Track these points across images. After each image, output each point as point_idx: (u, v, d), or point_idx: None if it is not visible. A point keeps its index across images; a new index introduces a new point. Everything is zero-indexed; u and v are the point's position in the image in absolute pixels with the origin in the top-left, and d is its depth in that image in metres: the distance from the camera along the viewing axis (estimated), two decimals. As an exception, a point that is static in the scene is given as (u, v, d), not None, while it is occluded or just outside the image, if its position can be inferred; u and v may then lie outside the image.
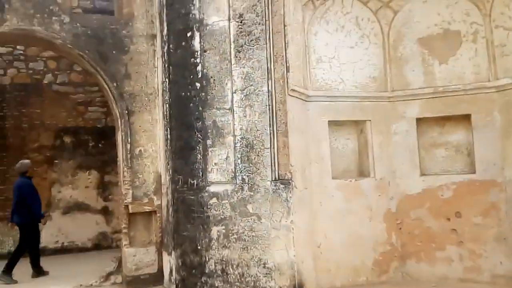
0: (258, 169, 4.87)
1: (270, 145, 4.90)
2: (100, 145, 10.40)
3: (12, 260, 7.52)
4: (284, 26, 5.17)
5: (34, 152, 9.91)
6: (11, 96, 9.91)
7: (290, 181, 4.90)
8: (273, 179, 4.88)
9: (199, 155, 5.14)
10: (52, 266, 8.47)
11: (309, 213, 5.17)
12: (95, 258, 8.74)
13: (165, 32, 5.84)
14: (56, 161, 10.06)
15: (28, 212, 7.63)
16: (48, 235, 9.77)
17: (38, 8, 6.04)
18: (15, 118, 9.87)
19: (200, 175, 5.09)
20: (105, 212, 10.19)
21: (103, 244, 10.06)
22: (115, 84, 6.52)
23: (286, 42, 5.15)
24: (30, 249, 7.80)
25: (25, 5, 5.98)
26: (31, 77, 10.08)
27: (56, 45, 6.37)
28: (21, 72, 10.02)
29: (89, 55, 6.40)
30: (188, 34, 5.41)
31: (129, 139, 6.52)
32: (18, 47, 9.93)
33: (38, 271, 7.72)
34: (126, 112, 6.53)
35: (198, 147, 5.17)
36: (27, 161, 8.09)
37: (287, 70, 5.10)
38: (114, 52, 6.49)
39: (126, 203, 6.43)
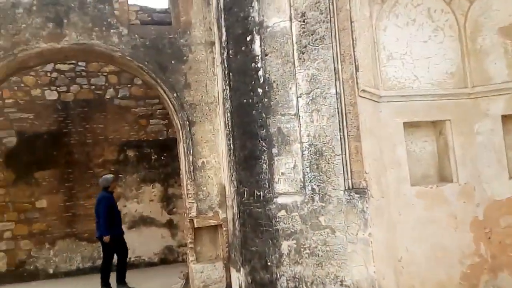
0: (329, 178, 4.49)
1: (341, 152, 4.50)
2: (162, 157, 10.41)
3: (103, 274, 7.72)
4: (351, 22, 4.77)
5: (99, 167, 10.04)
6: (74, 113, 10.13)
7: (366, 190, 4.47)
8: (346, 188, 4.47)
9: (265, 165, 4.83)
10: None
11: (388, 224, 4.70)
12: (162, 273, 8.68)
13: (223, 38, 5.60)
14: (121, 175, 10.13)
15: (109, 226, 7.65)
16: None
17: (96, 21, 6.02)
18: (80, 134, 10.07)
19: (267, 186, 4.78)
20: (170, 225, 10.14)
21: (169, 258, 10.00)
22: (175, 95, 6.40)
23: (354, 39, 4.74)
24: (107, 263, 7.85)
25: (83, 19, 5.97)
26: (93, 92, 10.26)
27: (115, 58, 6.33)
28: (84, 88, 10.21)
29: (148, 66, 6.31)
30: (248, 38, 5.14)
31: (191, 151, 6.35)
32: (79, 63, 10.16)
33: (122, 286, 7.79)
34: (187, 122, 6.39)
35: (263, 157, 4.87)
36: (109, 175, 8.15)
37: (356, 70, 4.69)
38: (173, 62, 6.36)
39: (191, 217, 6.26)
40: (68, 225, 9.73)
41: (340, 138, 4.51)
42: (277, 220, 4.61)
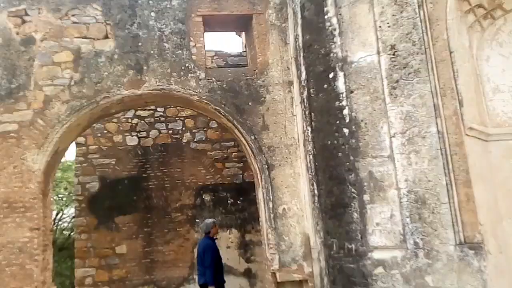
0: (435, 230, 3.90)
1: (448, 199, 3.91)
2: (239, 202, 10.11)
3: None
4: (450, 52, 4.27)
5: (176, 212, 9.94)
6: (153, 157, 10.19)
7: (482, 245, 3.82)
8: (457, 243, 3.85)
9: (355, 214, 4.33)
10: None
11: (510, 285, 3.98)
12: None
13: (303, 76, 5.29)
14: (197, 220, 9.94)
15: (215, 274, 7.30)
16: (194, 299, 9.57)
17: (175, 66, 5.96)
18: (158, 178, 10.08)
19: (359, 238, 4.26)
20: (248, 274, 9.70)
21: (248, 310, 9.52)
22: (252, 137, 6.13)
23: (455, 71, 4.23)
24: None
25: (162, 65, 5.94)
26: (171, 137, 10.31)
27: (193, 102, 6.21)
28: (162, 133, 10.30)
29: (225, 109, 6.13)
30: (330, 75, 4.78)
31: (270, 196, 5.97)
32: (158, 109, 10.30)
33: None
34: (266, 166, 6.05)
35: (353, 204, 4.38)
36: (209, 220, 7.84)
37: (460, 105, 4.15)
38: (250, 103, 6.13)
39: (272, 270, 5.78)
40: (147, 272, 9.60)
41: (446, 184, 3.94)
42: (374, 278, 4.05)
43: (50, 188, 6.40)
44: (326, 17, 4.81)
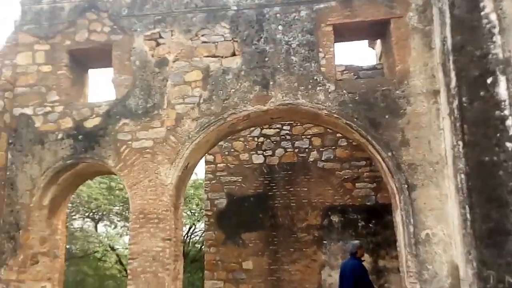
0: None
1: None
2: (371, 225, 9.43)
3: None
4: None
5: (302, 232, 9.60)
6: (279, 176, 10.02)
7: None
8: None
9: (522, 244, 3.57)
10: None
11: None
12: None
13: (453, 83, 4.65)
14: (325, 242, 9.49)
15: None
16: (320, 324, 9.09)
17: (302, 80, 5.74)
18: (284, 197, 9.86)
19: (528, 273, 3.49)
20: (380, 302, 8.95)
21: None
22: (389, 154, 5.61)
23: None
24: None
25: (289, 79, 5.77)
26: (297, 155, 10.06)
27: (321, 116, 5.89)
28: (288, 152, 10.09)
29: (357, 123, 5.70)
30: (489, 81, 4.15)
31: (411, 220, 5.38)
32: (284, 127, 10.13)
33: None
34: (406, 186, 5.49)
35: (519, 232, 3.63)
36: (356, 241, 7.48)
37: None
38: (386, 116, 5.62)
39: None
40: (272, 289, 9.38)
41: None
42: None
43: (181, 202, 6.54)
44: (482, 13, 4.20)
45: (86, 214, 19.85)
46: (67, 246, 17.72)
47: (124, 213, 19.81)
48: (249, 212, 9.83)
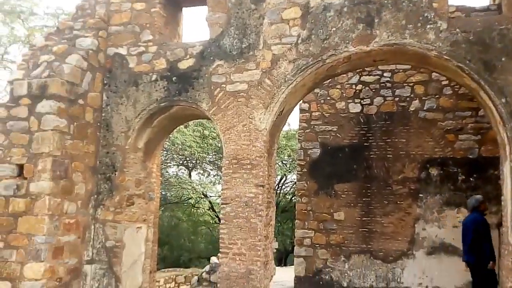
0: None
1: None
2: (471, 179, 8.86)
3: None
4: None
5: (397, 185, 9.27)
6: (376, 126, 9.65)
7: None
8: None
9: None
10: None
11: None
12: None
13: None
14: (421, 195, 9.11)
15: (479, 251, 6.78)
16: (411, 276, 8.88)
17: (411, 17, 5.30)
18: (380, 148, 9.52)
19: None
20: (477, 259, 8.51)
21: (472, 295, 8.38)
22: (503, 100, 5.14)
23: None
24: None
25: (396, 16, 5.34)
26: (396, 104, 9.57)
27: (429, 58, 5.47)
28: (387, 100, 9.63)
29: (470, 65, 5.25)
30: None
31: None
32: (385, 74, 9.65)
33: None
34: None
35: None
36: (478, 196, 7.25)
37: None
38: (503, 59, 5.14)
39: None
40: (364, 240, 9.28)
41: None
42: None
43: (274, 149, 6.53)
44: None
45: (180, 161, 20.83)
46: (162, 192, 18.90)
47: (217, 162, 20.54)
48: (343, 162, 9.64)
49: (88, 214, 6.18)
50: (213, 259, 10.68)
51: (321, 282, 9.44)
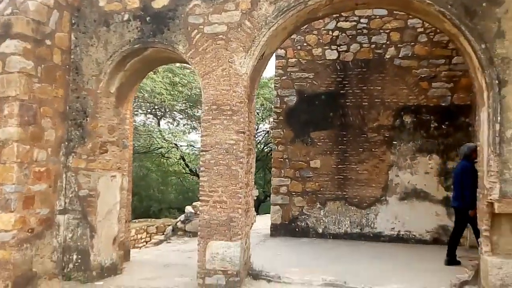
0: None
1: None
2: (443, 126, 9.08)
3: (452, 245, 7.12)
4: None
5: (373, 132, 9.41)
6: (352, 73, 9.64)
7: None
8: None
9: None
10: (389, 255, 7.77)
11: None
12: (435, 255, 7.54)
13: None
14: (395, 142, 9.29)
15: (462, 197, 6.92)
16: (384, 221, 9.18)
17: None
18: (356, 95, 9.57)
19: None
20: (447, 203, 8.82)
21: (442, 239, 8.74)
22: (483, 46, 5.14)
23: None
24: (457, 236, 7.21)
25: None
26: (373, 51, 9.55)
27: (412, 3, 5.39)
28: (364, 47, 9.59)
29: (452, 10, 5.20)
30: None
31: (498, 118, 5.10)
32: (361, 20, 9.59)
33: (450, 260, 7.05)
34: (497, 82, 5.13)
35: None
36: (471, 144, 7.23)
37: None
38: (484, 4, 5.12)
39: (490, 200, 5.06)
40: (339, 188, 9.47)
41: None
42: None
43: (254, 94, 6.41)
44: None
45: (149, 110, 20.36)
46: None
47: (187, 110, 20.20)
48: (319, 110, 9.69)
49: (59, 162, 5.95)
50: (188, 209, 10.71)
51: (297, 229, 9.65)
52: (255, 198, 6.95)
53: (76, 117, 6.11)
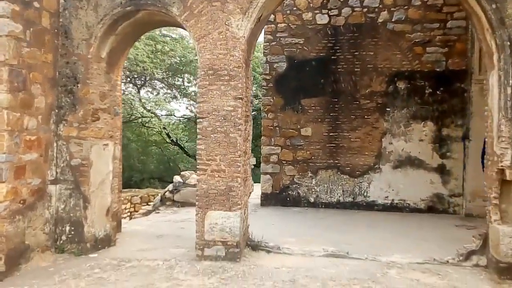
0: None
1: None
2: (438, 92, 8.97)
3: None
4: None
5: (365, 99, 9.25)
6: (344, 38, 9.39)
7: None
8: None
9: None
10: (384, 224, 7.74)
11: None
12: (430, 224, 7.54)
13: None
14: (388, 109, 9.16)
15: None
16: (378, 190, 9.12)
17: None
18: (347, 61, 9.36)
19: None
20: (441, 171, 8.82)
21: (437, 207, 8.79)
22: (493, 6, 4.94)
23: None
24: None
25: None
26: (365, 16, 9.30)
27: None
28: (356, 11, 9.33)
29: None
30: None
31: (510, 81, 4.91)
32: (354, -18, 9.29)
33: None
34: (508, 43, 4.94)
35: None
36: None
37: None
38: None
39: (502, 166, 4.92)
40: (331, 156, 9.34)
41: None
42: None
43: (251, 59, 6.12)
44: None
45: (129, 78, 19.76)
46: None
47: (167, 79, 19.67)
48: (310, 77, 9.46)
49: (49, 131, 5.62)
50: (177, 178, 10.45)
51: (288, 199, 9.54)
52: (252, 166, 6.71)
53: (67, 84, 5.75)
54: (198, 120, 5.60)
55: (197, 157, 5.61)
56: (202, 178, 5.54)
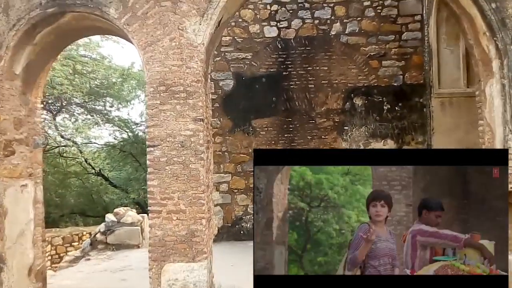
0: None
1: None
2: (397, 108, 8.42)
3: None
4: None
5: (321, 117, 8.52)
6: (295, 53, 8.64)
7: None
8: None
9: None
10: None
11: None
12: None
13: None
14: (346, 127, 8.47)
15: None
16: (340, 215, 8.33)
17: None
18: (300, 77, 8.60)
19: None
20: (408, 191, 8.21)
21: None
22: (493, 6, 4.35)
23: None
24: None
25: None
26: (316, 28, 8.61)
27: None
28: (306, 23, 8.62)
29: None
30: None
31: None
32: (304, -8, 8.60)
33: None
34: (511, 47, 4.29)
35: None
36: None
37: None
38: None
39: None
40: (289, 182, 8.40)
41: None
42: None
43: (209, 72, 5.06)
44: None
45: (43, 104, 17.84)
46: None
47: (86, 104, 18.00)
48: (260, 95, 8.57)
49: None
50: (109, 216, 8.98)
51: (242, 232, 8.48)
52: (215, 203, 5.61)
53: (-32, 108, 4.32)
54: (148, 149, 4.40)
55: (148, 195, 4.40)
56: (156, 223, 4.34)
